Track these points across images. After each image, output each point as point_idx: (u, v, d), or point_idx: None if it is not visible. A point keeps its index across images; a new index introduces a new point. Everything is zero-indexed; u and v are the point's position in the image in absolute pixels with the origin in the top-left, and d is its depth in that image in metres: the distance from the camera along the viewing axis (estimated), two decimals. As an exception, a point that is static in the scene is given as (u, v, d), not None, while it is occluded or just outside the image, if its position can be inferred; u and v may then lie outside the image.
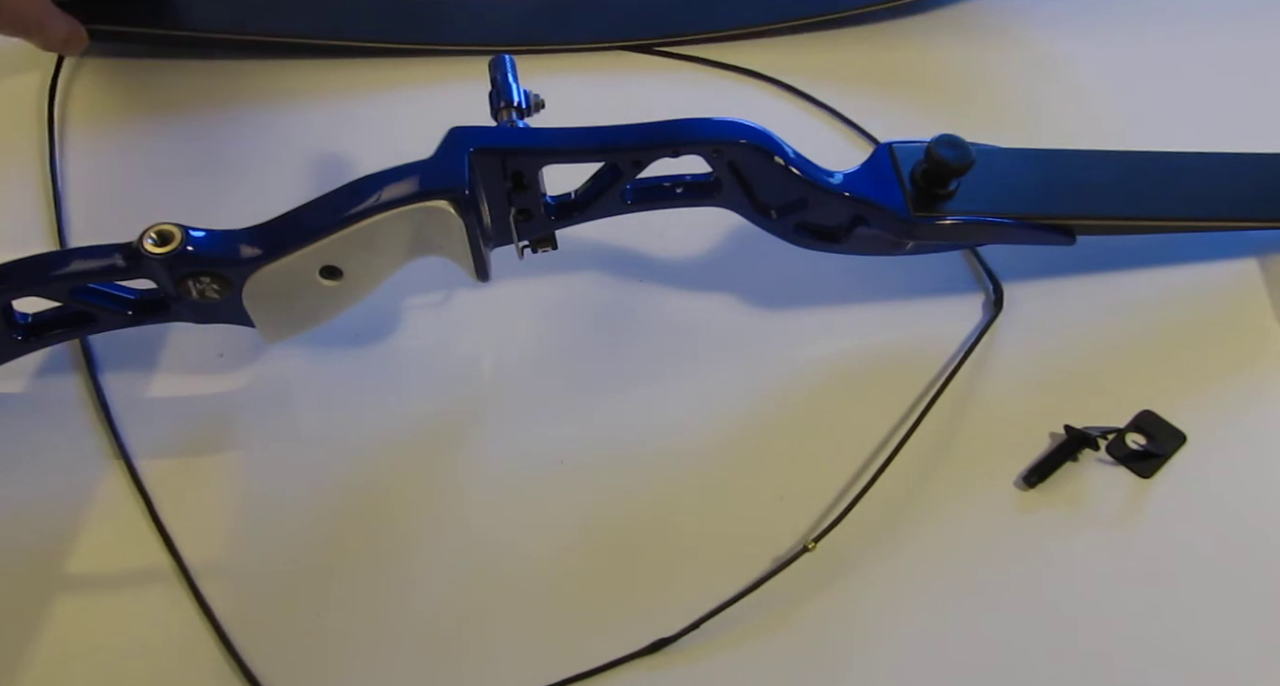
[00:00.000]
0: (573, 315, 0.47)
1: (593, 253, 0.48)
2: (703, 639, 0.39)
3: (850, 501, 0.42)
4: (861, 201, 0.42)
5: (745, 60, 0.56)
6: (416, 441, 0.44)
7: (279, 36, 0.54)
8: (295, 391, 0.44)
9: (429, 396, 0.45)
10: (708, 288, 0.48)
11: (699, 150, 0.41)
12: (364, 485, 0.43)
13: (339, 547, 0.41)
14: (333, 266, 0.39)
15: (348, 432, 0.44)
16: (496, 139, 0.39)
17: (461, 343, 0.46)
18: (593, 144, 0.40)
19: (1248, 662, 0.40)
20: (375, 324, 0.46)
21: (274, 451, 0.43)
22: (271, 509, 0.42)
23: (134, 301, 0.40)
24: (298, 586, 0.40)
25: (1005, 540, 0.42)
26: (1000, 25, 0.59)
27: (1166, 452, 0.44)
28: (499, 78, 0.42)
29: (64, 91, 0.53)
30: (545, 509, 0.42)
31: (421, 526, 0.42)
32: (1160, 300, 0.48)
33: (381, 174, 0.39)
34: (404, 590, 0.40)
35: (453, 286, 0.47)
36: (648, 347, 0.46)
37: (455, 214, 0.38)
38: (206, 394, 0.44)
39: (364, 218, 0.38)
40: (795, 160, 0.41)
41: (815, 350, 0.47)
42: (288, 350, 0.45)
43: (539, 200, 0.41)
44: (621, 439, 0.44)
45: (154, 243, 0.37)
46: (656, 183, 0.43)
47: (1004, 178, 0.45)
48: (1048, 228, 0.44)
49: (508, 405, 0.45)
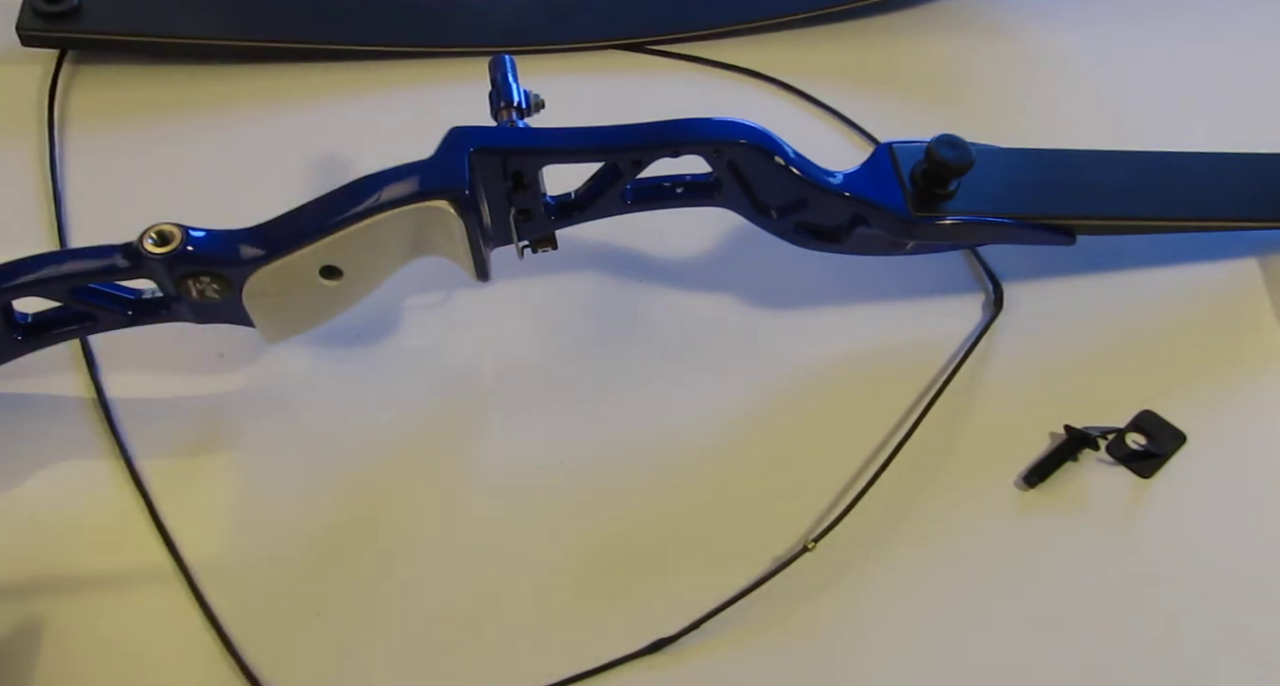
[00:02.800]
0: (572, 315, 0.47)
1: (593, 253, 0.48)
2: (703, 639, 0.39)
3: (850, 501, 0.42)
4: (861, 201, 0.42)
5: (739, 58, 0.56)
6: (416, 441, 0.44)
7: (277, 41, 0.54)
8: (295, 391, 0.44)
9: (428, 396, 0.45)
10: (708, 288, 0.48)
11: (699, 150, 0.40)
12: (364, 485, 0.43)
13: (339, 547, 0.41)
14: (333, 266, 0.39)
15: (348, 432, 0.44)
16: (496, 139, 0.39)
17: (461, 343, 0.46)
18: (593, 144, 0.40)
19: (1248, 662, 0.40)
20: (375, 324, 0.46)
21: (274, 451, 0.43)
22: (271, 509, 0.42)
23: (134, 301, 0.40)
24: (298, 586, 0.40)
25: (1005, 540, 0.42)
26: (996, 18, 0.59)
27: (1166, 452, 0.44)
28: (499, 78, 0.42)
29: (64, 91, 0.53)
30: (545, 509, 0.42)
31: (422, 526, 0.42)
32: (1160, 300, 0.48)
33: (381, 174, 0.39)
34: (404, 590, 0.40)
35: (452, 286, 0.47)
36: (648, 348, 0.46)
37: (455, 214, 0.38)
38: (206, 394, 0.44)
39: (364, 218, 0.38)
40: (795, 160, 0.41)
41: (815, 350, 0.47)
42: (288, 350, 0.45)
43: (539, 200, 0.41)
44: (621, 439, 0.44)
45: (154, 242, 0.37)
46: (656, 183, 0.43)
47: (1004, 177, 0.45)
48: (1048, 228, 0.44)
49: (507, 405, 0.45)
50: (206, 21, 0.54)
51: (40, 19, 0.52)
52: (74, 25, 0.52)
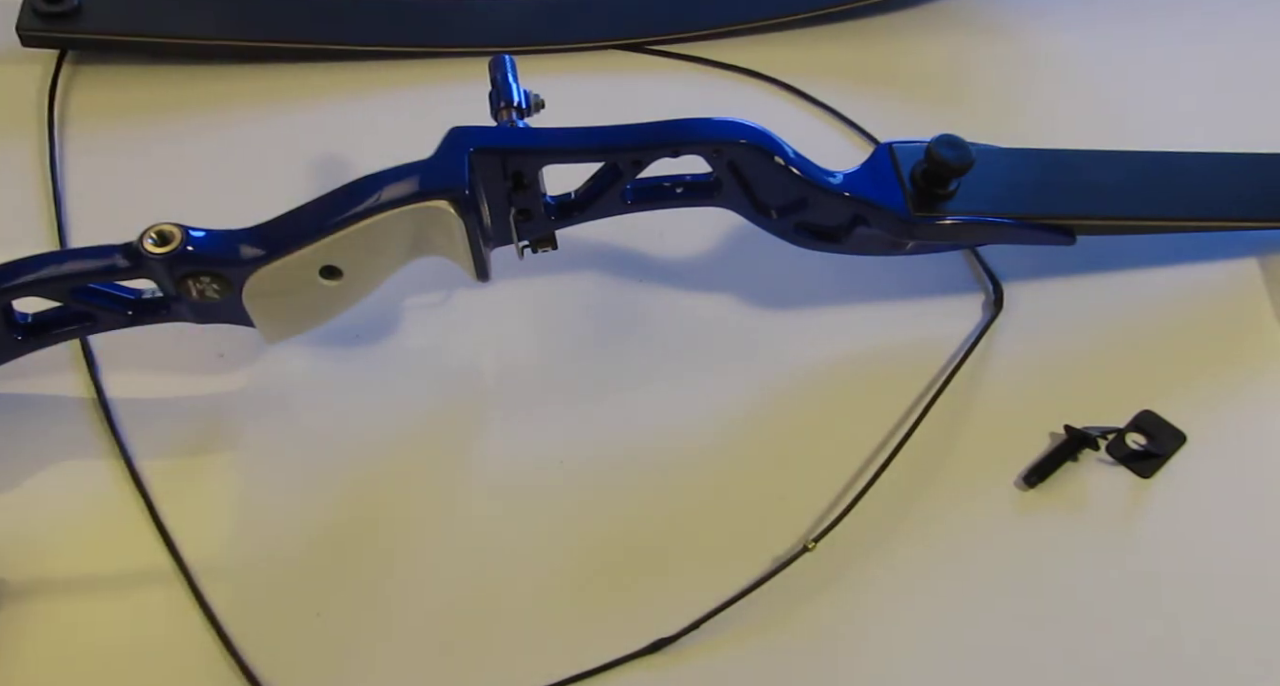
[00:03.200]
0: (572, 315, 0.47)
1: (593, 253, 0.48)
2: (703, 639, 0.39)
3: (850, 501, 0.42)
4: (861, 201, 0.42)
5: (739, 58, 0.56)
6: (416, 442, 0.44)
7: (277, 41, 0.54)
8: (295, 391, 0.44)
9: (428, 396, 0.45)
10: (708, 288, 0.48)
11: (699, 150, 0.40)
12: (364, 484, 0.42)
13: (339, 547, 0.41)
14: (333, 266, 0.39)
15: (348, 432, 0.44)
16: (496, 139, 0.39)
17: (461, 343, 0.46)
18: (593, 144, 0.40)
19: (1248, 662, 0.40)
20: (375, 324, 0.46)
21: (274, 451, 0.43)
22: (271, 509, 0.42)
23: (134, 301, 0.40)
24: (298, 586, 0.40)
25: (1005, 540, 0.42)
26: (996, 18, 0.59)
27: (1166, 452, 0.44)
28: (499, 78, 0.42)
29: (64, 91, 0.53)
30: (545, 509, 0.42)
31: (422, 526, 0.42)
32: (1160, 300, 0.48)
33: (381, 174, 0.39)
34: (404, 589, 0.40)
35: (452, 286, 0.47)
36: (648, 348, 0.46)
37: (455, 214, 0.38)
38: (206, 394, 0.44)
39: (364, 217, 0.38)
40: (795, 160, 0.41)
41: (815, 350, 0.47)
42: (288, 350, 0.45)
43: (539, 200, 0.41)
44: (621, 439, 0.44)
45: (154, 243, 0.37)
46: (656, 183, 0.43)
47: (1004, 177, 0.45)
48: (1048, 228, 0.44)
49: (507, 405, 0.45)
50: (206, 21, 0.54)
51: (40, 19, 0.52)
52: (74, 25, 0.52)
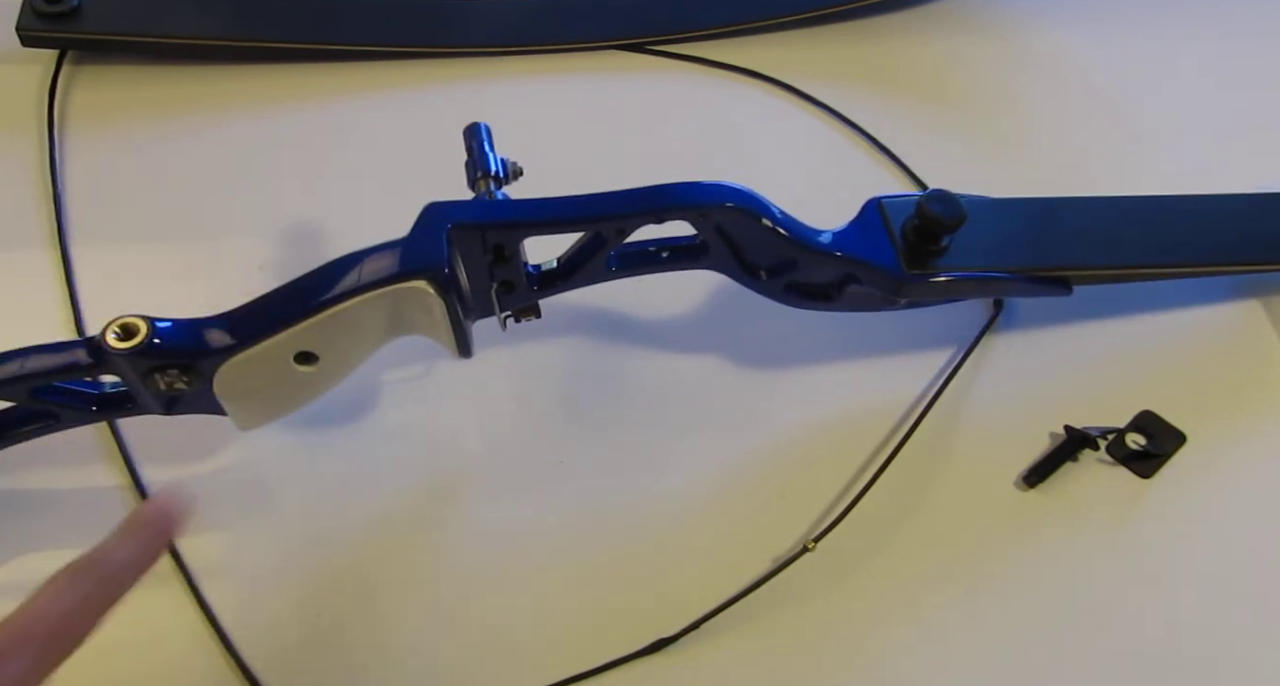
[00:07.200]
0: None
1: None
2: (703, 639, 0.39)
3: (850, 501, 0.42)
4: (853, 261, 0.41)
5: (739, 58, 0.56)
6: (417, 441, 0.44)
7: (277, 42, 0.54)
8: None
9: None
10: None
11: (684, 215, 0.39)
12: (364, 484, 0.42)
13: (340, 547, 0.41)
14: (308, 352, 0.37)
15: (348, 432, 0.44)
16: (475, 214, 0.37)
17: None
18: (575, 214, 0.38)
19: (1248, 662, 0.40)
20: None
21: (275, 450, 0.43)
22: (272, 508, 0.42)
23: (98, 396, 0.38)
24: (298, 586, 0.40)
25: (1005, 540, 0.42)
26: (995, 18, 0.59)
27: (1166, 452, 0.44)
28: (475, 147, 0.40)
29: (64, 91, 0.53)
30: (545, 508, 0.42)
31: (421, 526, 0.42)
32: (1160, 300, 0.48)
33: (355, 255, 0.37)
34: (404, 589, 0.40)
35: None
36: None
37: (434, 293, 0.36)
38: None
39: (339, 301, 0.36)
40: (783, 220, 0.40)
41: (815, 350, 0.46)
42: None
43: (521, 272, 0.39)
44: (622, 439, 0.44)
45: (117, 337, 0.34)
46: (642, 248, 0.41)
47: (996, 230, 0.44)
48: (1044, 280, 0.43)
49: (508, 408, 0.45)
50: (206, 21, 0.54)
51: (40, 19, 0.52)
52: (74, 25, 0.52)
